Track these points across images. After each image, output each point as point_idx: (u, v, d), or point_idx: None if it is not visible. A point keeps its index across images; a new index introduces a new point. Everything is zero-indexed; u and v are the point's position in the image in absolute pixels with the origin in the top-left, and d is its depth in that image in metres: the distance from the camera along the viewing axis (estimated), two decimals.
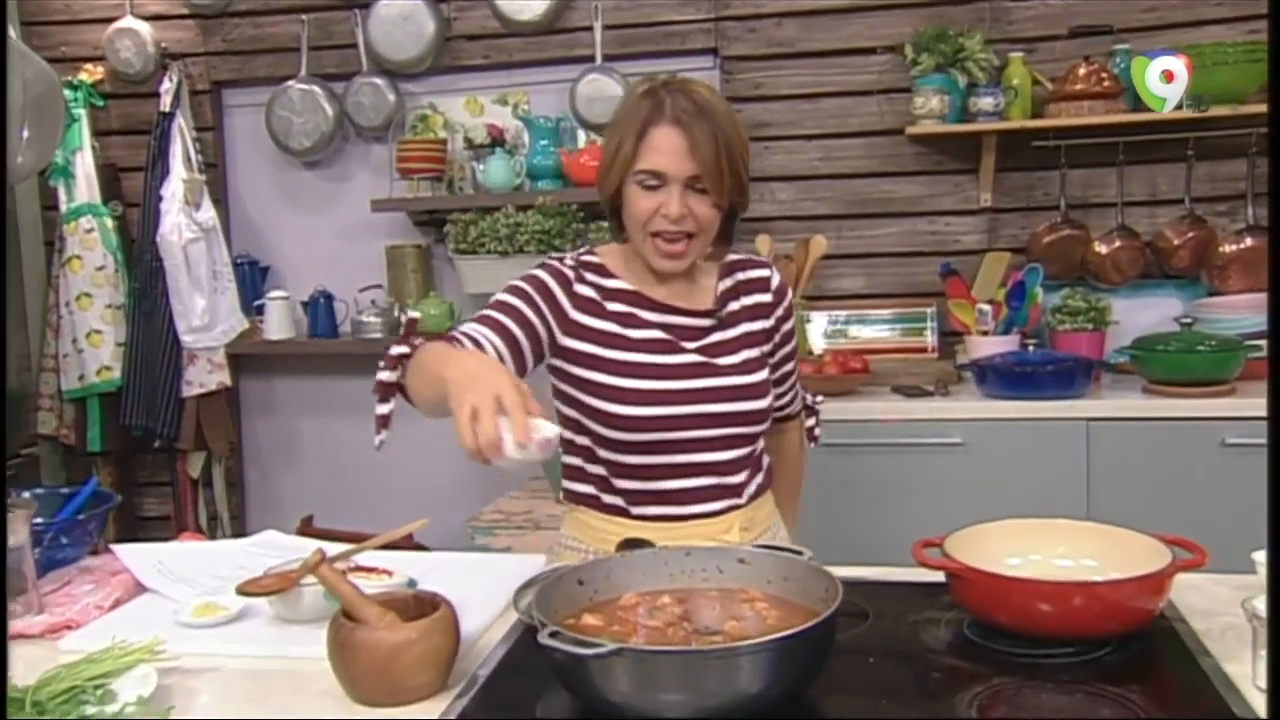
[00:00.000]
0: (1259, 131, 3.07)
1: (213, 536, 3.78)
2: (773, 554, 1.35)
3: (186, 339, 3.61)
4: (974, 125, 3.13)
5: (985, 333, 3.10)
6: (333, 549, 1.66)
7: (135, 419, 3.68)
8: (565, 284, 1.64)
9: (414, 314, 1.50)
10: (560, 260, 1.67)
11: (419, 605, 1.30)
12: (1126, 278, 3.20)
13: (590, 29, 3.49)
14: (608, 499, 1.67)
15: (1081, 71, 3.06)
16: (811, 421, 1.89)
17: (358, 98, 3.65)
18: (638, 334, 1.63)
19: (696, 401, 1.61)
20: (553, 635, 1.10)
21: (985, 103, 3.09)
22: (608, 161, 1.59)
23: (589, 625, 1.25)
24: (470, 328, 1.55)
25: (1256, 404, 2.77)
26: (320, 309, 3.64)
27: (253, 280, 3.79)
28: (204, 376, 3.67)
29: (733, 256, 1.74)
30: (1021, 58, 3.17)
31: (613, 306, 1.64)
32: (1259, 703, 1.16)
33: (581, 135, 3.58)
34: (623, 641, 1.17)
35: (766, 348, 1.72)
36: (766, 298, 1.73)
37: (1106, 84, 3.04)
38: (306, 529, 3.61)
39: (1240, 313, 3.04)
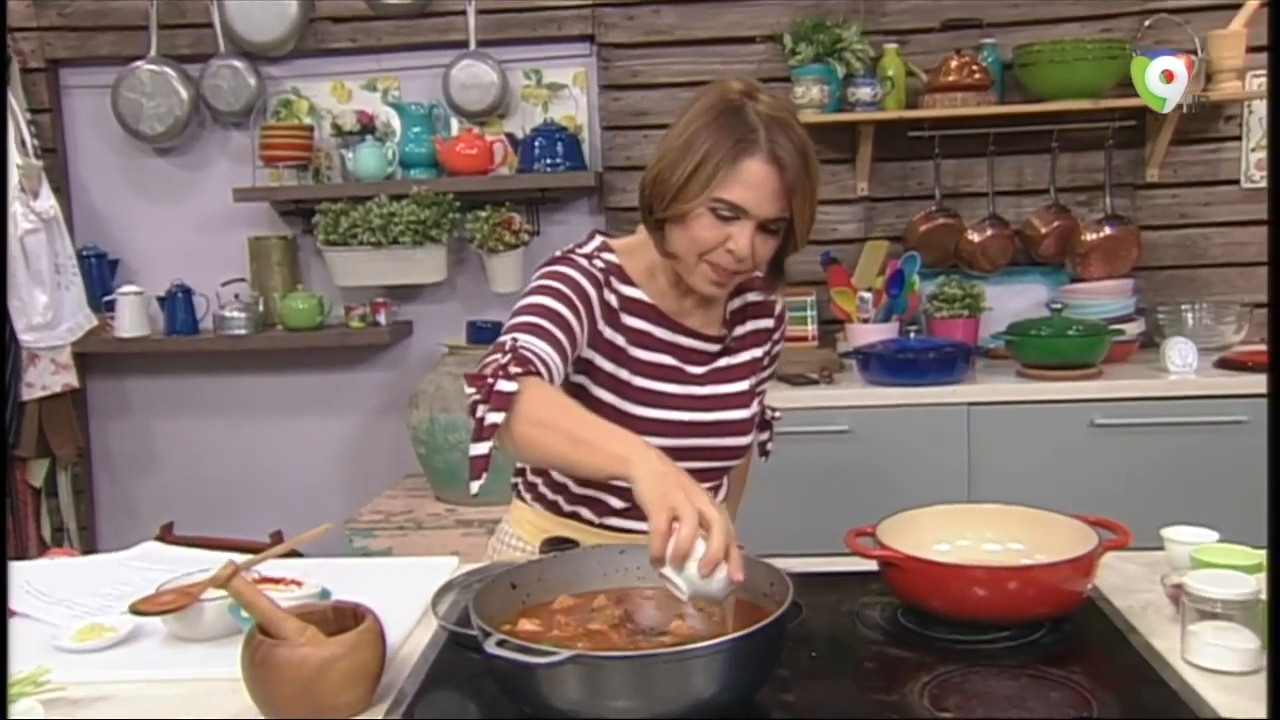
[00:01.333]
0: (1115, 125, 3.20)
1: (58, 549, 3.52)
2: None
3: (26, 338, 3.34)
4: (853, 115, 3.17)
5: (866, 320, 3.15)
6: (214, 559, 1.54)
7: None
8: (599, 290, 1.47)
9: (512, 338, 1.35)
10: (589, 259, 1.50)
11: (339, 617, 1.21)
12: (997, 265, 3.30)
13: (464, 13, 3.37)
14: (570, 507, 1.58)
15: (954, 64, 3.13)
16: (765, 436, 1.81)
17: (215, 80, 3.45)
18: (647, 355, 1.52)
19: (693, 435, 1.53)
20: (500, 644, 1.04)
21: (863, 93, 3.13)
22: (679, 176, 1.39)
23: (526, 631, 1.19)
24: (530, 343, 1.35)
25: (1121, 385, 2.89)
26: (178, 304, 3.42)
27: (100, 274, 3.54)
28: (47, 378, 3.40)
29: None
30: (896, 49, 3.23)
31: (628, 320, 1.51)
32: (1192, 677, 1.18)
33: (455, 123, 3.47)
34: (564, 646, 1.11)
35: (758, 375, 1.65)
36: (769, 323, 1.66)
37: (977, 76, 3.12)
38: (167, 537, 3.40)
39: (1103, 298, 3.17)
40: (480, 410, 1.26)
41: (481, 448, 1.27)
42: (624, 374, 1.50)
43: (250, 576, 1.39)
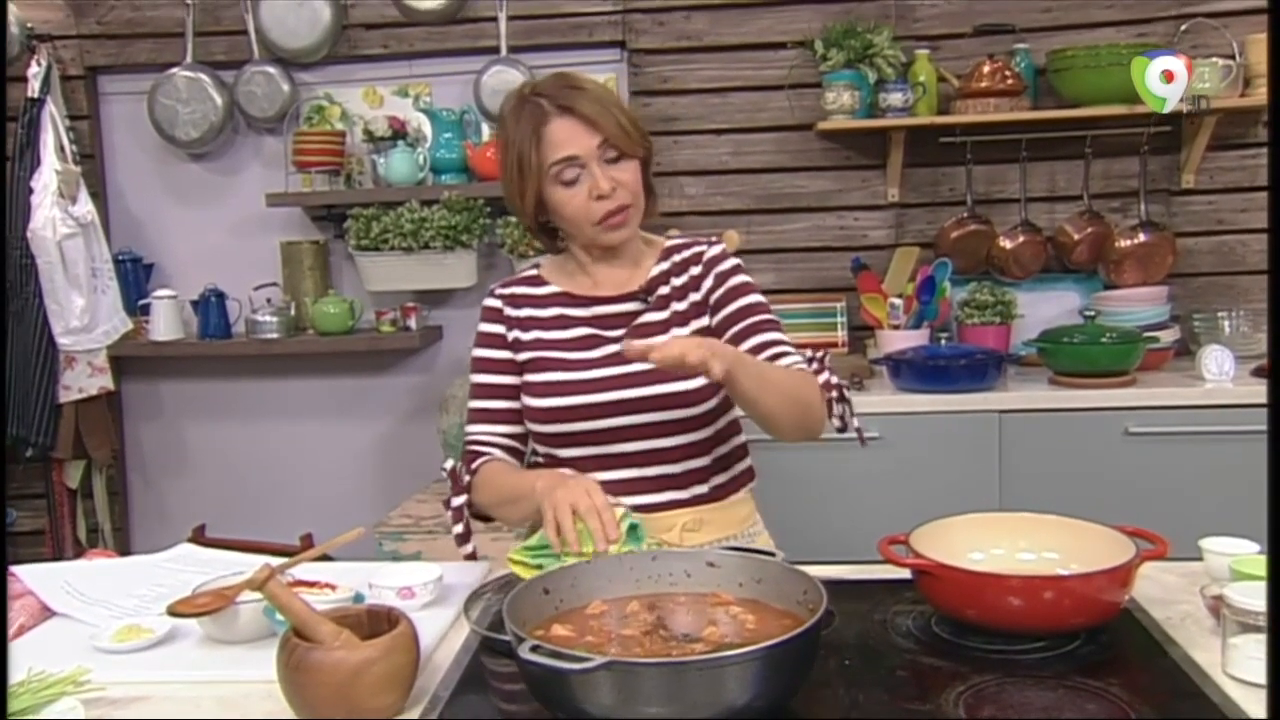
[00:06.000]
0: (1150, 130, 3.17)
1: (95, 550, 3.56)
2: (742, 556, 1.31)
3: (64, 341, 3.39)
4: (884, 121, 3.15)
5: (897, 327, 3.13)
6: (248, 562, 1.56)
7: (5, 427, 3.44)
8: (501, 318, 1.70)
9: (450, 464, 1.71)
10: (492, 293, 1.73)
11: (373, 621, 1.22)
12: (1029, 272, 3.27)
13: (495, 19, 3.39)
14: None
15: (986, 69, 3.11)
16: (837, 402, 1.67)
17: (249, 87, 3.48)
18: (567, 334, 1.66)
19: (614, 388, 1.60)
20: (533, 649, 1.04)
21: (894, 99, 3.12)
22: (515, 177, 1.60)
23: (559, 636, 1.19)
24: (482, 433, 1.68)
25: (1156, 394, 2.86)
26: (211, 308, 3.45)
27: (135, 278, 3.57)
28: (84, 380, 3.45)
29: (675, 241, 1.73)
30: (928, 55, 3.21)
31: (546, 312, 1.69)
32: (1233, 691, 1.17)
33: (486, 128, 3.48)
34: (596, 652, 1.11)
35: (705, 321, 1.67)
36: (696, 269, 1.69)
37: (1010, 82, 3.10)
38: (200, 539, 3.43)
39: (1137, 305, 3.14)
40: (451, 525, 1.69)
41: (465, 549, 1.69)
42: (553, 354, 1.65)
43: (285, 580, 1.40)
